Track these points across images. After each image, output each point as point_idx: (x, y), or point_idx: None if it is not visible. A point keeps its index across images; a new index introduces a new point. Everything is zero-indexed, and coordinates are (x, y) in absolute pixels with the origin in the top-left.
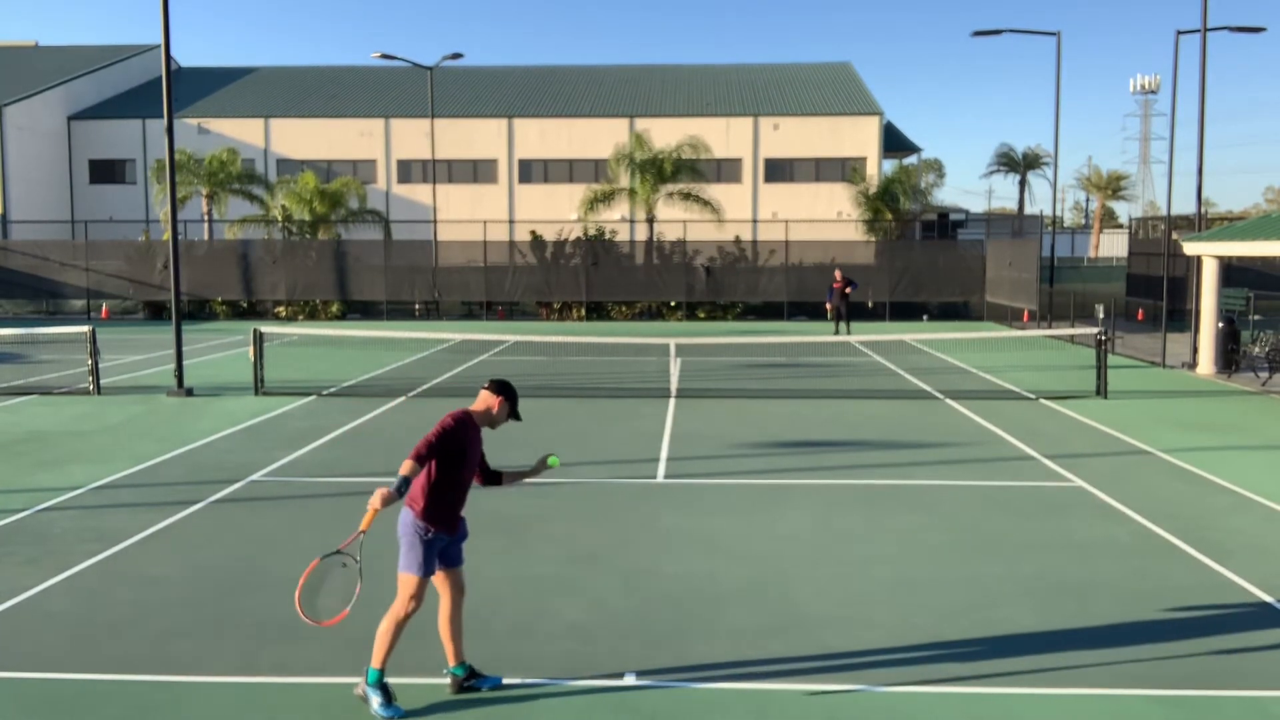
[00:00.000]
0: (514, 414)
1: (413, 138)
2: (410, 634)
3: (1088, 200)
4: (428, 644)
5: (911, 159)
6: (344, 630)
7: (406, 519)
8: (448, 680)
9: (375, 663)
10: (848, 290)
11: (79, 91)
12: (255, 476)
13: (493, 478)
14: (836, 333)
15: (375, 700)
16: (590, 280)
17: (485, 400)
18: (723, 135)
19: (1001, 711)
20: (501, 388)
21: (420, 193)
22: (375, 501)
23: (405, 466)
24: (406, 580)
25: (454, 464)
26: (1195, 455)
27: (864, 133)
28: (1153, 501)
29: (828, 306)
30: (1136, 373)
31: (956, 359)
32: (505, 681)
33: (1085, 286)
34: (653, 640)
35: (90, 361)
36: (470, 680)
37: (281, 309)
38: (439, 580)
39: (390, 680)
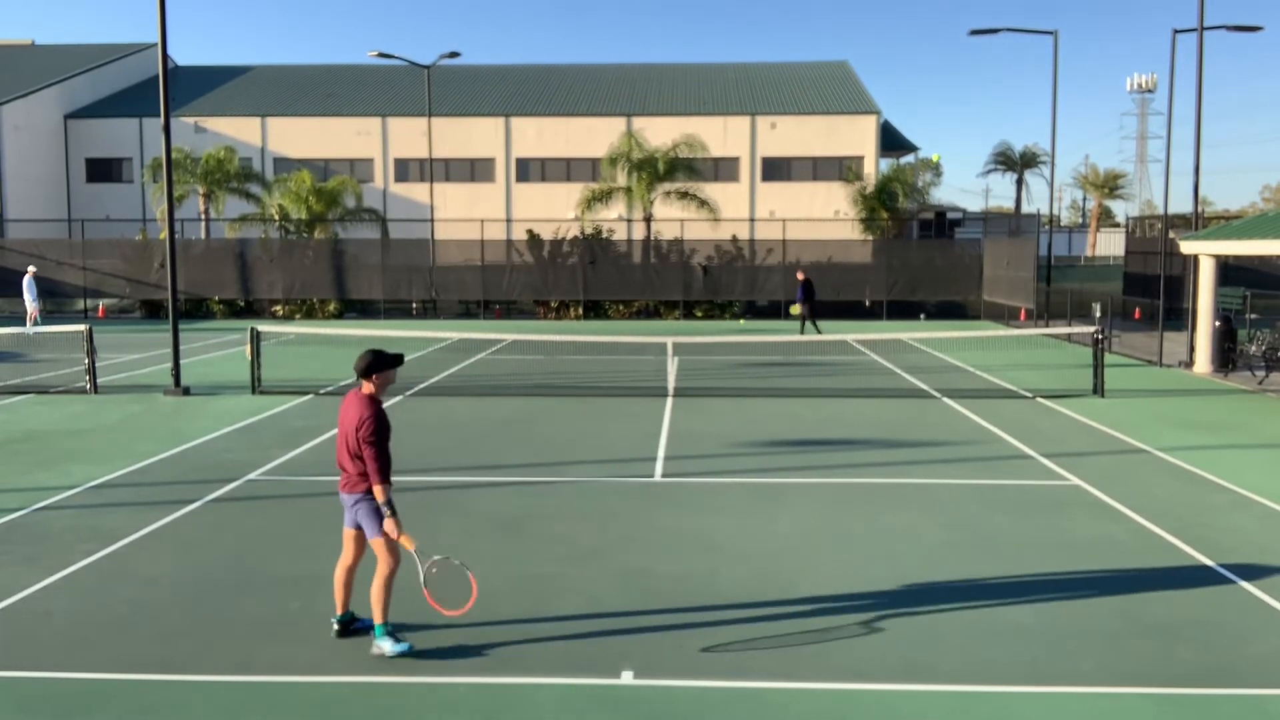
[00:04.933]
0: (388, 366)
1: (410, 137)
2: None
3: (1085, 199)
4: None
5: (909, 158)
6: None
7: (368, 500)
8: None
9: (379, 619)
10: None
11: (75, 90)
12: (252, 475)
13: None
14: (803, 332)
15: (386, 646)
16: (587, 279)
17: (368, 387)
18: (720, 134)
19: (999, 710)
20: (365, 370)
21: (417, 191)
22: (395, 533)
23: (380, 492)
24: (379, 544)
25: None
26: (1192, 454)
27: (861, 132)
28: (1149, 500)
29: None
30: (1133, 371)
31: (954, 358)
32: (504, 681)
33: (1082, 285)
34: (650, 639)
35: (87, 360)
36: (354, 624)
37: (279, 308)
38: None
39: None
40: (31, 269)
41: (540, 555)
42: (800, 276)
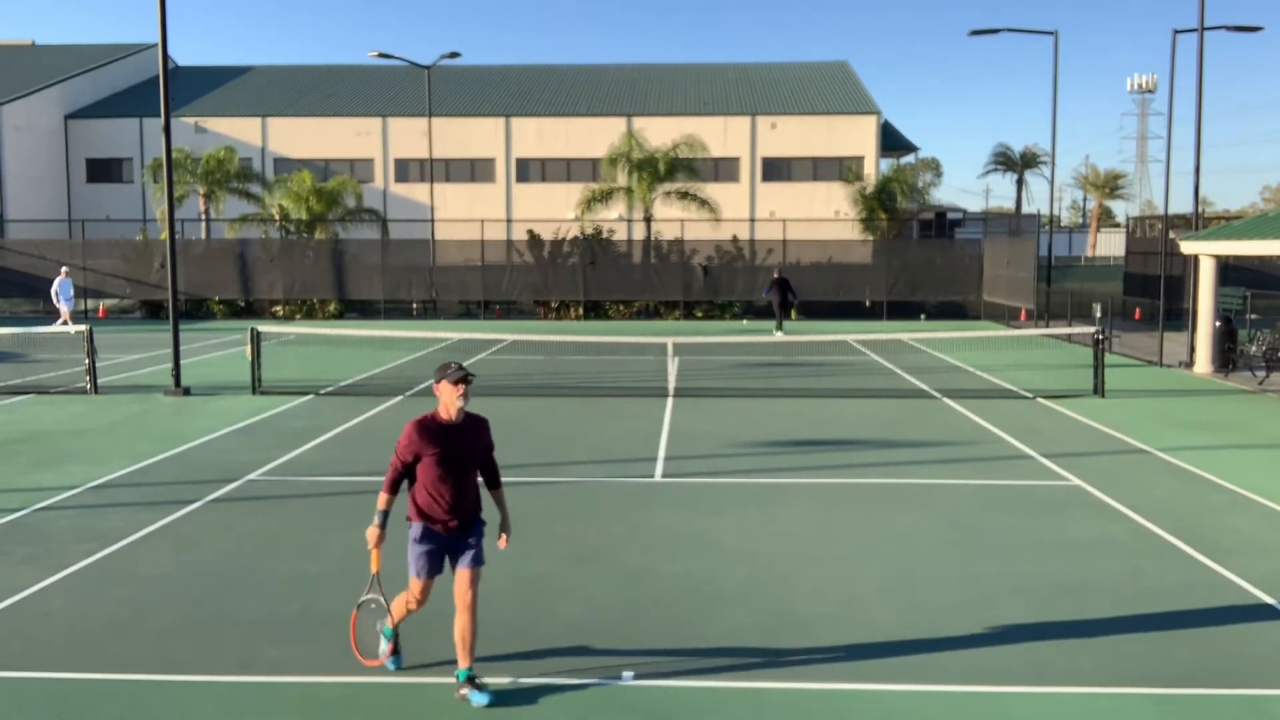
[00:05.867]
0: (442, 378)
1: (410, 137)
2: (422, 638)
3: (1085, 199)
4: (438, 646)
5: (909, 158)
6: (341, 631)
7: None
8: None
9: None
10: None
11: (76, 90)
12: (252, 476)
13: (492, 483)
14: (784, 327)
15: (383, 647)
16: (588, 279)
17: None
18: (720, 134)
19: (998, 710)
20: (439, 378)
21: (418, 192)
22: (368, 542)
23: (379, 499)
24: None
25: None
26: (1192, 454)
27: (861, 132)
28: (1149, 500)
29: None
30: (1134, 372)
31: (954, 358)
32: (504, 681)
33: (1082, 285)
34: (650, 639)
35: (88, 361)
36: (465, 688)
37: (279, 308)
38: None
39: (393, 680)
40: (65, 269)
41: (540, 555)
42: (775, 276)
